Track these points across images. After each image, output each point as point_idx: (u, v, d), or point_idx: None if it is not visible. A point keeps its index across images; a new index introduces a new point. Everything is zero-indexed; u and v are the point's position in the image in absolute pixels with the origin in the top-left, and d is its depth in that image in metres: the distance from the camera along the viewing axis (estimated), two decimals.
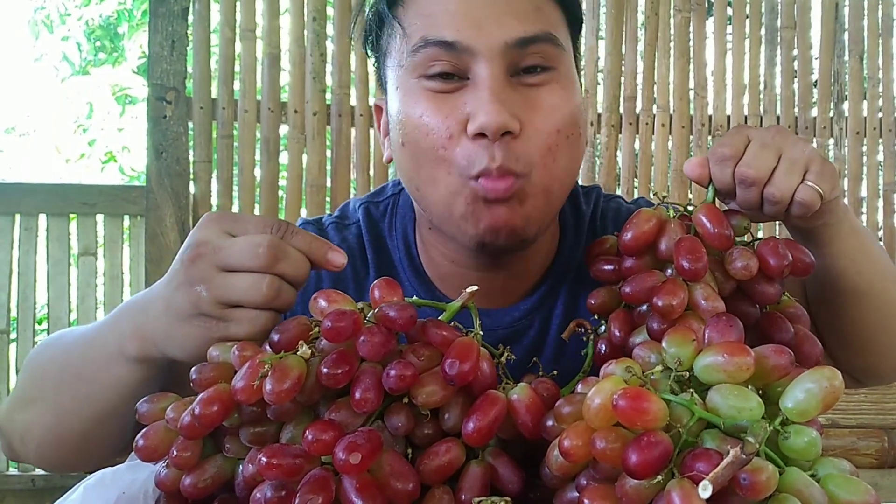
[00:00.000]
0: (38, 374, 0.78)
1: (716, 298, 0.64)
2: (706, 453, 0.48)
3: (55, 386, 0.74)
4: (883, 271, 0.80)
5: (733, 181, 0.69)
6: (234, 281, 0.62)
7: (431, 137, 0.74)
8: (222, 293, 0.62)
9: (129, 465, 0.68)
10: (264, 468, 0.53)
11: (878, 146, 2.79)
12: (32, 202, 2.64)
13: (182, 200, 2.52)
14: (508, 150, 0.72)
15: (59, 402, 0.73)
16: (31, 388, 0.78)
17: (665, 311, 0.63)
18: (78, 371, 0.73)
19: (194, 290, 0.63)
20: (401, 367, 0.56)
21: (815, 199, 0.68)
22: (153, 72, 2.53)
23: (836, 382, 0.51)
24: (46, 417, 0.74)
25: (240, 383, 0.55)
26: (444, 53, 0.74)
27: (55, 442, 0.74)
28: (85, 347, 0.74)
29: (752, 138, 0.70)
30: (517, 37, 0.73)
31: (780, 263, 0.65)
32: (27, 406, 0.76)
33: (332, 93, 2.65)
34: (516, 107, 0.73)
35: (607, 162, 2.73)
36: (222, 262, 0.62)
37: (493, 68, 0.73)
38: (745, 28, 2.81)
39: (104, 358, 0.70)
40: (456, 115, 0.73)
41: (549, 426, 0.57)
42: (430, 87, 0.75)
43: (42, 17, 5.78)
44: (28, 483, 2.57)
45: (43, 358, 0.79)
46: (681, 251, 0.64)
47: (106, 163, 5.53)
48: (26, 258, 2.63)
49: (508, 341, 0.81)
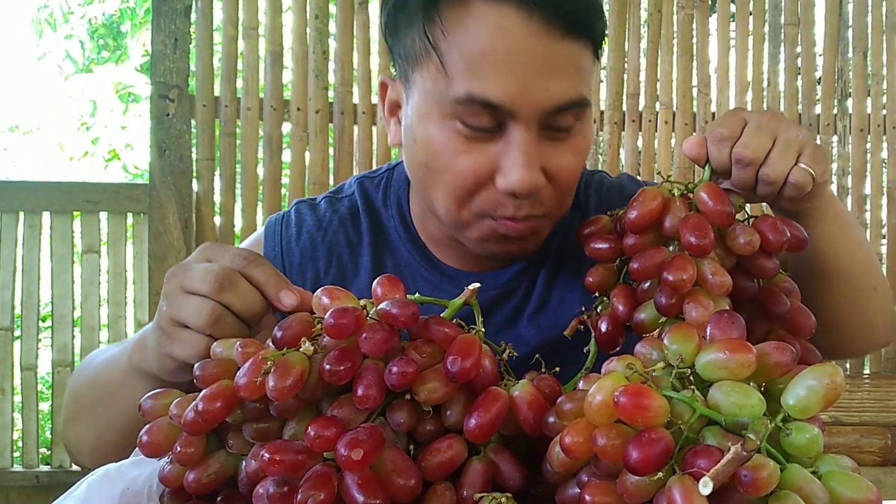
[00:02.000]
0: (76, 395, 0.86)
1: (723, 273, 0.66)
2: (707, 450, 0.48)
3: (91, 405, 0.82)
4: (859, 255, 0.85)
5: (730, 161, 0.72)
6: (186, 301, 0.66)
7: (459, 179, 0.77)
8: (175, 311, 0.67)
9: (133, 460, 0.68)
10: (267, 464, 0.53)
11: (882, 143, 2.78)
12: (36, 200, 2.64)
13: (185, 198, 2.53)
14: (537, 200, 0.77)
15: (96, 420, 0.81)
16: (73, 408, 0.86)
17: (676, 285, 0.64)
18: (107, 390, 0.80)
19: (161, 304, 0.69)
20: (403, 364, 0.56)
21: (808, 180, 0.71)
22: (156, 70, 2.54)
23: (838, 379, 0.51)
24: (90, 432, 0.82)
25: (243, 380, 0.56)
26: (487, 112, 0.75)
27: (103, 450, 0.80)
28: (109, 368, 0.81)
29: (748, 120, 0.72)
30: (556, 105, 0.75)
31: (779, 239, 0.67)
32: (74, 423, 0.85)
33: (334, 90, 2.65)
34: (545, 160, 0.77)
35: (610, 159, 2.72)
36: (184, 284, 0.67)
37: (530, 132, 0.75)
38: (749, 25, 2.80)
39: (124, 375, 0.77)
40: (487, 164, 0.76)
41: (550, 423, 0.57)
42: (466, 134, 0.76)
43: (45, 16, 5.78)
44: (32, 479, 2.58)
45: (79, 380, 0.86)
46: (688, 227, 0.66)
47: (109, 161, 5.53)
48: (30, 256, 2.63)
49: (497, 301, 0.92)
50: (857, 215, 2.77)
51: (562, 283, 0.93)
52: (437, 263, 0.93)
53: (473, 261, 0.92)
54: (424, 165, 0.80)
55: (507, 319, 0.92)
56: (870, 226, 2.77)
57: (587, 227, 0.77)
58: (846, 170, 2.78)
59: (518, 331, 0.92)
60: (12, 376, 2.64)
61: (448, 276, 0.92)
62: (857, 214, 2.77)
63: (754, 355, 0.52)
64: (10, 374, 2.63)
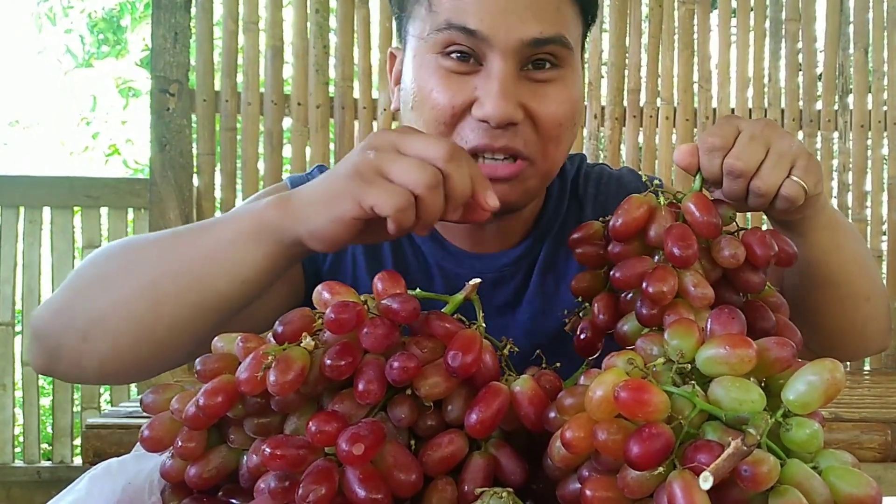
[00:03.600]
0: (118, 262, 0.74)
1: (705, 285, 0.64)
2: (707, 445, 0.48)
3: (154, 269, 0.70)
4: (850, 264, 0.84)
5: (721, 172, 0.71)
6: (404, 159, 0.63)
7: (436, 112, 0.80)
8: (388, 162, 0.63)
9: (135, 455, 0.68)
10: (268, 459, 0.53)
11: (883, 139, 2.78)
12: (36, 195, 2.64)
13: (185, 193, 2.52)
14: (516, 135, 0.79)
15: (156, 287, 0.70)
16: (105, 276, 0.73)
17: (656, 297, 0.63)
18: (191, 255, 0.70)
19: (365, 153, 0.64)
20: (404, 359, 0.56)
21: (800, 194, 0.70)
22: (156, 64, 2.53)
23: (838, 375, 0.51)
24: (132, 305, 0.70)
25: (244, 374, 0.56)
26: (465, 38, 0.79)
27: (140, 333, 0.70)
28: (202, 233, 0.71)
29: (741, 129, 0.71)
30: (533, 37, 0.78)
31: (766, 253, 0.66)
32: (99, 294, 0.71)
33: (335, 85, 2.64)
34: (522, 97, 0.79)
35: (611, 155, 2.72)
36: (402, 145, 0.64)
37: (507, 62, 0.78)
38: (750, 20, 2.80)
39: (236, 236, 0.68)
40: (463, 96, 0.79)
41: (551, 418, 0.57)
42: (445, 66, 0.80)
43: (45, 10, 5.77)
44: (33, 475, 2.58)
45: (120, 249, 0.75)
46: (671, 238, 0.65)
47: (110, 156, 5.53)
48: (30, 251, 2.64)
49: (497, 283, 0.94)
50: (858, 212, 2.77)
51: (559, 269, 0.95)
52: (441, 239, 0.94)
53: (475, 241, 0.93)
54: (411, 109, 0.83)
55: (506, 303, 0.94)
56: (870, 223, 2.77)
57: (577, 231, 0.76)
58: (847, 166, 2.78)
59: (517, 315, 0.94)
60: (13, 371, 2.64)
61: (451, 253, 0.94)
62: (857, 211, 2.77)
63: (755, 351, 0.53)
64: (12, 369, 2.63)
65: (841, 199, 2.79)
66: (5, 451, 2.60)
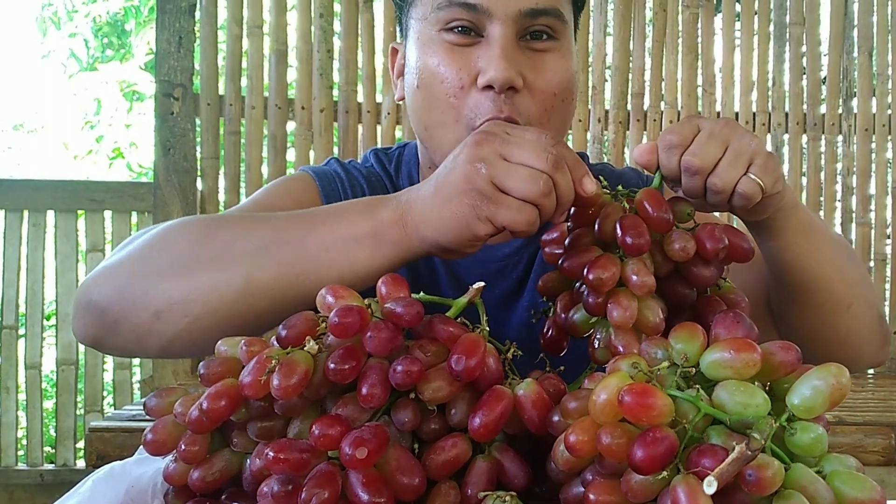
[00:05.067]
0: (210, 247, 0.71)
1: (647, 274, 0.65)
2: (712, 449, 0.48)
3: (252, 259, 0.69)
4: (828, 271, 0.82)
5: (679, 168, 0.71)
6: (516, 170, 0.65)
7: (444, 85, 0.84)
8: (501, 174, 0.65)
9: (138, 459, 0.68)
10: (271, 462, 0.53)
11: (887, 143, 2.78)
12: (40, 199, 2.65)
13: (189, 197, 2.53)
14: (513, 104, 0.82)
15: (252, 277, 0.69)
16: (189, 258, 0.70)
17: (595, 284, 0.64)
18: (294, 248, 0.69)
19: (474, 166, 0.65)
20: (407, 363, 0.56)
21: (756, 191, 0.70)
22: (160, 68, 2.54)
23: (844, 380, 0.51)
24: (222, 292, 0.68)
25: (247, 378, 0.56)
26: (465, 13, 0.83)
27: (222, 319, 0.69)
28: (307, 226, 0.71)
29: (701, 128, 0.72)
30: (530, 7, 0.83)
31: (715, 246, 0.66)
32: (184, 278, 0.69)
33: (339, 89, 2.65)
34: (522, 66, 0.83)
35: (614, 158, 2.72)
36: (507, 153, 0.66)
37: (506, 30, 0.82)
38: (754, 24, 2.80)
39: (344, 240, 0.69)
40: (468, 68, 0.83)
41: (555, 421, 0.57)
42: (449, 40, 0.84)
43: (49, 14, 5.80)
44: (36, 477, 2.59)
45: (211, 233, 0.72)
46: (623, 227, 0.65)
47: (114, 159, 5.54)
48: (34, 255, 2.64)
49: (499, 273, 0.96)
50: (862, 215, 2.76)
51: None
52: None
53: None
54: (417, 88, 0.87)
55: (508, 292, 0.96)
56: (874, 226, 2.77)
57: (550, 232, 0.76)
58: (851, 170, 2.78)
59: (518, 305, 0.95)
60: (17, 374, 2.64)
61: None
62: (861, 215, 2.77)
63: (759, 354, 0.52)
64: (15, 372, 2.63)
65: (845, 203, 2.78)
66: (8, 453, 2.60)
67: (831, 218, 2.80)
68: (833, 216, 2.80)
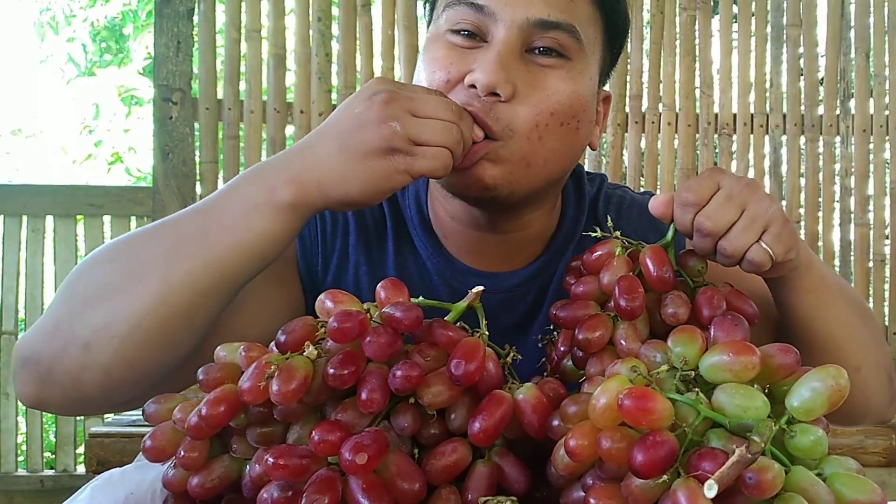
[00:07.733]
0: (120, 264, 0.71)
1: (634, 340, 0.66)
2: (712, 452, 0.48)
3: (161, 263, 0.69)
4: (838, 332, 0.82)
5: (692, 227, 0.71)
6: (427, 123, 0.70)
7: (434, 76, 0.82)
8: (416, 131, 0.70)
9: (137, 465, 0.68)
10: (271, 468, 0.53)
11: (885, 144, 2.77)
12: (39, 204, 2.65)
13: (188, 201, 2.53)
14: (492, 109, 0.77)
15: (167, 280, 0.68)
16: (106, 283, 0.69)
17: (583, 344, 0.66)
18: (198, 238, 0.70)
19: (388, 125, 0.69)
20: (407, 368, 0.56)
21: (766, 260, 0.70)
22: (159, 73, 2.54)
23: (842, 381, 0.51)
24: (142, 302, 0.67)
25: (246, 384, 0.56)
26: (471, 14, 0.80)
27: (150, 330, 0.68)
28: (205, 215, 0.71)
29: (721, 186, 0.71)
30: (539, 17, 0.78)
31: (711, 314, 0.67)
32: (102, 302, 0.68)
33: (337, 93, 2.65)
34: (517, 77, 0.78)
35: (613, 160, 2.72)
36: (414, 108, 0.71)
37: (509, 37, 0.78)
38: (751, 26, 2.80)
39: (243, 214, 0.70)
40: (461, 67, 0.80)
41: (554, 426, 0.57)
42: (452, 41, 0.82)
43: (47, 19, 5.80)
44: (36, 483, 2.58)
45: (119, 251, 0.72)
46: (620, 289, 0.67)
47: (112, 164, 5.54)
48: (33, 260, 2.64)
49: (505, 305, 0.90)
50: (860, 216, 2.77)
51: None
52: (449, 258, 0.91)
53: (481, 256, 0.91)
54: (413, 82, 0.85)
55: (515, 325, 0.91)
56: (873, 227, 2.77)
57: (574, 260, 0.77)
58: (849, 170, 2.78)
59: (527, 339, 0.89)
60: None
61: (459, 272, 0.90)
62: (860, 216, 2.77)
63: (758, 357, 0.53)
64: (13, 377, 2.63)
65: (843, 204, 2.78)
66: (8, 459, 2.60)
67: (830, 219, 2.80)
68: (831, 217, 2.80)
